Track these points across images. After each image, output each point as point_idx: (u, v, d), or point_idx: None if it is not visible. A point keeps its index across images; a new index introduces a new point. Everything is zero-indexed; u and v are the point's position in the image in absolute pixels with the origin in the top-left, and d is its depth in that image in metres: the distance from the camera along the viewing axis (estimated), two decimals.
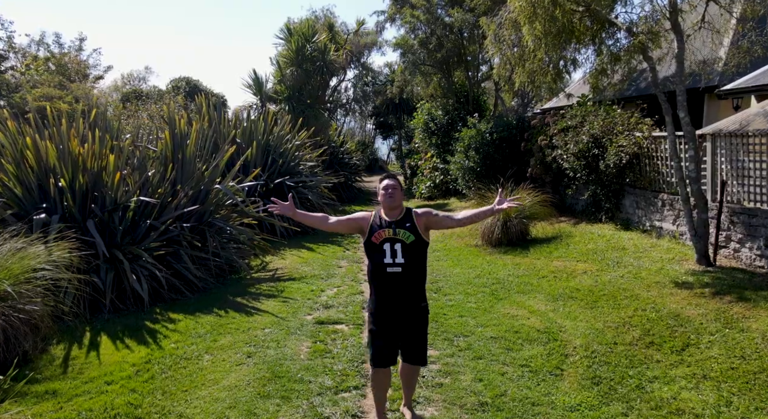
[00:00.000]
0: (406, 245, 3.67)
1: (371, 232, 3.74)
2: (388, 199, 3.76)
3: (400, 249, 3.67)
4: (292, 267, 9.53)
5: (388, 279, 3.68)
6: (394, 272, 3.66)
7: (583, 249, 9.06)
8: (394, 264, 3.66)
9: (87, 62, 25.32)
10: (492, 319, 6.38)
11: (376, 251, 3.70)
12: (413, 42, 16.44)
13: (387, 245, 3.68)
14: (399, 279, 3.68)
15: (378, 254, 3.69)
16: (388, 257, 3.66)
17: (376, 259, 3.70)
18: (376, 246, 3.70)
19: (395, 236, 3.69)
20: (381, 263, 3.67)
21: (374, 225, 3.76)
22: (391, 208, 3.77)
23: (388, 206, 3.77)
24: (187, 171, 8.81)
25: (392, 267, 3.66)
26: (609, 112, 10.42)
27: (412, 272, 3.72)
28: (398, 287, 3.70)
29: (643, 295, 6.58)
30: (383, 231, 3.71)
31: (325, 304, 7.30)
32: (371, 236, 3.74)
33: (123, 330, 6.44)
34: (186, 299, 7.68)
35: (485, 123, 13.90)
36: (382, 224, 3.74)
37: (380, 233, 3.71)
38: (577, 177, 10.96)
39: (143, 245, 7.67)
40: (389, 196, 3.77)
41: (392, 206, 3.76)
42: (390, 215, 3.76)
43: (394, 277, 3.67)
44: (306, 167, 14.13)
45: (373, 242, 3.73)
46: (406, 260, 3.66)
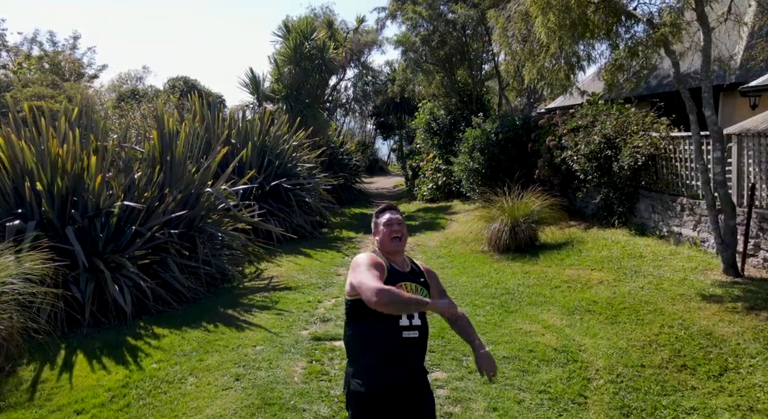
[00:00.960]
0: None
1: (388, 282, 2.69)
2: (395, 241, 2.84)
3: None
4: (287, 275, 9.00)
5: (400, 348, 2.69)
6: (410, 338, 2.70)
7: (597, 256, 8.52)
8: (411, 327, 2.71)
9: (81, 61, 24.80)
10: (504, 335, 5.86)
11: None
12: (415, 39, 15.90)
13: None
14: (414, 347, 2.73)
15: (390, 316, 2.67)
16: (404, 318, 2.70)
17: (385, 320, 2.66)
18: None
19: (414, 292, 2.74)
20: (396, 327, 2.68)
21: (392, 273, 2.77)
22: (396, 253, 2.86)
23: (392, 251, 2.85)
24: (176, 173, 8.29)
25: (409, 331, 2.70)
26: (622, 111, 9.89)
27: (426, 337, 2.82)
28: (412, 359, 2.74)
29: (668, 309, 6.05)
30: (403, 285, 2.74)
31: (322, 317, 6.78)
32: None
33: (102, 348, 5.91)
34: (173, 311, 7.16)
35: (490, 123, 13.37)
36: (399, 273, 2.80)
37: (400, 288, 2.70)
38: (588, 179, 10.43)
39: (127, 253, 7.15)
40: (395, 235, 2.84)
41: (399, 251, 2.87)
42: (396, 261, 2.85)
43: (410, 345, 2.71)
44: (304, 169, 13.60)
45: None
46: (422, 322, 2.75)
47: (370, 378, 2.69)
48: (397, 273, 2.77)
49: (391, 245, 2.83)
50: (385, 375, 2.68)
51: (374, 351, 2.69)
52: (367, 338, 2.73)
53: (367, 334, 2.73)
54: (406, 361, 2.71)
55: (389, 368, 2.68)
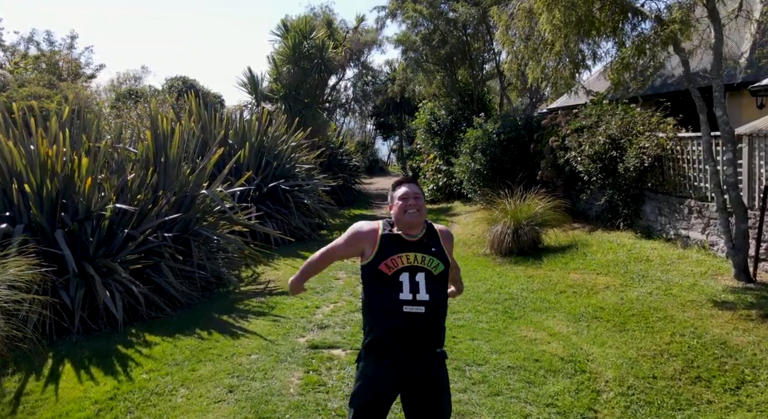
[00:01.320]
0: (432, 277, 2.63)
1: (380, 255, 2.63)
2: (412, 214, 2.68)
3: (423, 282, 2.60)
4: (285, 279, 8.76)
5: (403, 323, 2.57)
6: (414, 313, 2.56)
7: (602, 260, 8.31)
8: (415, 302, 2.57)
9: (79, 61, 24.59)
10: (508, 343, 5.64)
11: (387, 283, 2.60)
12: (415, 38, 15.69)
13: (405, 276, 2.61)
14: (420, 323, 2.57)
15: (390, 287, 2.60)
16: (406, 291, 2.58)
17: (386, 294, 2.60)
18: (387, 277, 2.61)
19: (419, 264, 2.62)
20: (395, 301, 2.57)
21: (385, 245, 2.65)
22: (412, 226, 2.70)
23: (407, 224, 2.69)
24: (171, 175, 8.07)
25: (411, 306, 2.56)
26: (627, 111, 9.68)
27: (439, 312, 2.66)
28: (418, 335, 2.60)
29: (679, 316, 5.83)
30: (400, 257, 2.62)
31: (320, 324, 6.56)
32: (380, 261, 2.62)
33: (90, 356, 5.69)
34: (167, 317, 6.94)
35: (492, 123, 13.16)
36: (399, 244, 2.66)
37: (396, 260, 2.61)
38: (592, 181, 10.21)
39: (119, 257, 6.93)
40: (412, 208, 2.68)
41: (416, 225, 2.70)
42: (409, 232, 2.70)
43: (414, 320, 2.56)
44: (302, 170, 13.38)
45: (381, 271, 2.61)
46: (431, 297, 2.59)
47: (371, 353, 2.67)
48: (397, 242, 2.67)
49: (405, 217, 2.69)
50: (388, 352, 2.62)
51: (379, 325, 2.65)
52: (373, 307, 2.68)
53: (372, 303, 2.68)
54: (411, 338, 2.59)
55: (393, 344, 2.61)
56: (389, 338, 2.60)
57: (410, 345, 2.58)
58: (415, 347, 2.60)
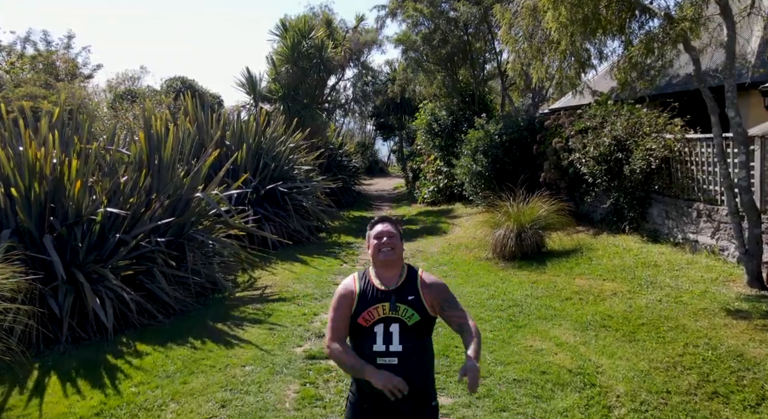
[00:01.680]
0: (406, 328, 2.55)
1: (359, 309, 2.59)
2: (386, 252, 2.63)
3: (396, 332, 2.54)
4: (282, 284, 8.55)
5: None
6: (387, 365, 2.50)
7: (608, 265, 8.08)
8: (388, 353, 2.53)
9: (76, 61, 24.35)
10: (513, 354, 5.41)
11: (363, 335, 2.57)
12: (416, 38, 15.46)
13: (380, 327, 2.56)
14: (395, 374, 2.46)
15: (366, 338, 2.56)
16: (379, 343, 2.54)
17: (362, 345, 2.57)
18: (363, 328, 2.57)
19: (392, 314, 2.56)
20: (369, 352, 2.54)
21: (362, 299, 2.60)
22: (387, 266, 2.65)
23: (383, 263, 2.65)
24: (165, 178, 7.85)
25: (384, 358, 2.52)
26: (633, 111, 9.45)
27: (415, 362, 2.55)
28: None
29: (691, 326, 5.60)
30: (376, 308, 2.56)
31: (318, 332, 6.33)
32: (358, 314, 2.58)
33: (78, 367, 5.46)
34: (159, 325, 6.72)
35: (494, 124, 12.93)
36: (374, 295, 2.60)
37: (372, 312, 2.56)
38: (597, 183, 9.99)
39: (110, 263, 6.71)
40: (386, 247, 2.64)
41: (390, 264, 2.65)
42: (385, 276, 2.65)
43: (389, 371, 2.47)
44: (301, 172, 13.15)
45: (360, 324, 2.57)
46: (404, 348, 2.52)
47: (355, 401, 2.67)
48: (373, 294, 2.61)
49: (379, 256, 2.66)
50: (368, 403, 2.60)
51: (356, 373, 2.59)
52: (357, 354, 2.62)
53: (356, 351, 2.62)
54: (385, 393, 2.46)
55: (373, 396, 2.54)
56: (369, 387, 2.51)
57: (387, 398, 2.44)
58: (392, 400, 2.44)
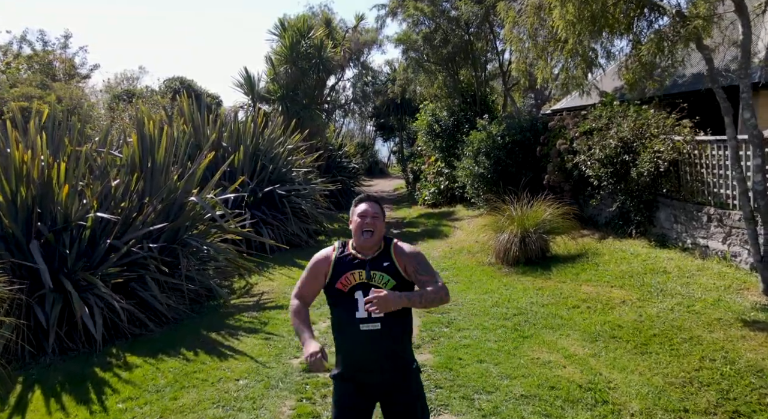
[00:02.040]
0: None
1: (335, 274, 2.71)
2: (365, 233, 2.72)
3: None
4: (279, 290, 8.30)
5: (361, 341, 2.67)
6: (371, 331, 2.64)
7: (615, 271, 7.83)
8: (370, 319, 2.63)
9: (73, 61, 24.11)
10: (519, 367, 5.17)
11: (345, 301, 2.69)
12: (416, 37, 15.21)
13: (359, 294, 2.66)
14: (377, 340, 2.65)
15: (347, 305, 2.67)
16: (361, 309, 2.63)
17: (343, 312, 2.71)
18: (344, 294, 2.69)
19: (369, 281, 2.67)
20: (352, 319, 2.65)
21: (339, 264, 2.73)
22: (366, 245, 2.74)
23: (363, 244, 2.74)
24: (158, 181, 7.60)
25: (367, 324, 2.64)
26: (640, 112, 9.20)
27: (397, 327, 2.72)
28: (377, 351, 2.68)
29: (706, 337, 5.36)
30: (353, 274, 2.69)
31: None
32: (336, 280, 2.70)
33: (64, 381, 5.22)
34: (151, 335, 6.48)
35: (496, 125, 12.68)
36: (350, 261, 2.72)
37: (349, 277, 2.69)
38: (602, 186, 9.74)
39: (100, 270, 6.46)
40: (366, 228, 2.72)
41: (368, 243, 2.73)
42: (363, 250, 2.75)
43: (371, 337, 2.64)
44: (299, 174, 12.91)
45: (338, 289, 2.70)
46: (386, 313, 2.58)
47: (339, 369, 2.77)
48: (350, 261, 2.71)
49: (361, 237, 2.73)
50: (352, 369, 2.72)
51: (342, 342, 2.76)
52: (336, 325, 2.80)
53: (335, 321, 2.81)
54: (371, 355, 2.68)
55: (356, 361, 2.71)
56: (353, 356, 2.71)
57: (372, 361, 2.67)
58: (377, 363, 2.68)
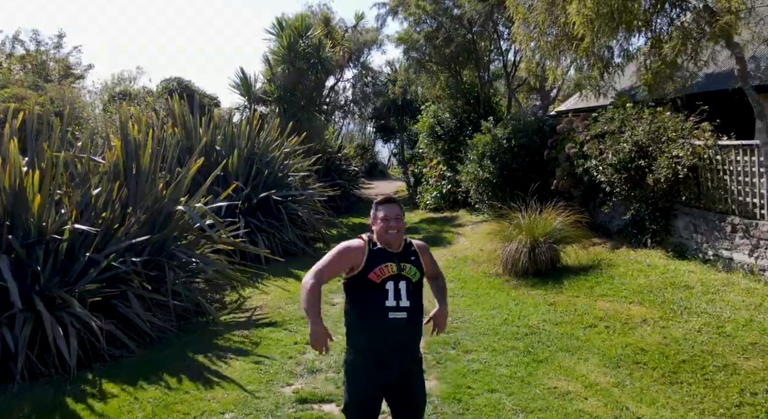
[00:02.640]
0: (412, 285, 2.95)
1: (369, 265, 2.90)
2: (392, 233, 2.95)
3: (404, 289, 2.90)
4: (274, 305, 7.79)
5: (388, 329, 2.86)
6: (397, 319, 2.86)
7: (632, 285, 7.33)
8: (398, 308, 2.87)
9: (67, 60, 23.62)
10: (536, 398, 4.66)
11: (375, 290, 2.88)
12: (418, 36, 14.72)
13: (390, 284, 2.89)
14: (403, 329, 2.90)
15: (377, 294, 2.87)
16: (391, 299, 2.86)
17: (373, 301, 2.87)
18: (375, 285, 2.88)
19: (401, 273, 2.93)
20: (382, 307, 2.85)
21: (372, 256, 2.93)
22: (392, 243, 2.97)
23: (389, 241, 2.96)
24: (143, 189, 7.09)
25: (395, 312, 2.86)
26: (655, 115, 8.69)
27: (417, 318, 2.99)
28: (401, 340, 2.92)
29: (743, 365, 4.85)
30: (386, 266, 2.90)
31: (310, 367, 5.57)
32: (369, 270, 2.89)
33: (31, 413, 4.71)
34: (132, 357, 5.96)
35: (501, 128, 12.18)
36: (384, 255, 2.95)
37: (383, 269, 2.89)
38: (615, 192, 9.23)
39: (78, 287, 5.96)
40: (393, 229, 2.96)
41: (395, 242, 2.98)
42: (390, 245, 2.98)
43: (397, 326, 2.87)
44: (296, 179, 12.38)
45: (371, 279, 2.87)
46: (411, 303, 2.90)
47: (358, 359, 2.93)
48: (383, 254, 2.92)
49: (386, 236, 2.95)
50: (374, 357, 2.88)
51: (365, 332, 2.90)
52: (358, 317, 2.93)
53: (360, 310, 2.92)
54: (395, 344, 2.87)
55: (379, 350, 2.87)
56: (375, 342, 2.86)
57: (393, 349, 2.87)
58: (397, 350, 2.88)
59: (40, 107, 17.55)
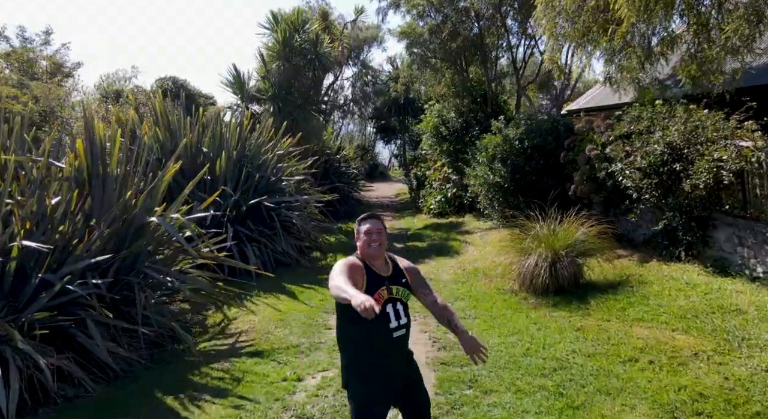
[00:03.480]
0: (404, 304, 3.10)
1: (370, 288, 2.96)
2: (375, 247, 3.06)
3: (401, 310, 3.06)
4: (262, 329, 6.86)
5: (393, 346, 3.03)
6: (400, 336, 3.05)
7: (672, 308, 6.40)
8: (399, 327, 3.03)
9: (55, 58, 22.70)
10: None
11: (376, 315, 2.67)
12: (422, 30, 13.79)
13: (390, 307, 3.02)
14: (404, 342, 3.10)
15: (379, 318, 2.78)
16: (393, 320, 3.01)
17: (378, 324, 2.92)
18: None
19: (396, 296, 3.06)
20: (387, 329, 2.99)
21: (370, 279, 3.00)
22: (376, 258, 3.08)
23: (372, 256, 3.07)
24: (109, 198, 6.17)
25: (398, 331, 3.03)
26: (691, 113, 7.76)
27: (409, 329, 3.13)
28: (402, 351, 3.13)
29: None
30: (382, 291, 3.01)
31: (300, 412, 4.66)
32: (369, 293, 2.88)
33: None
34: (88, 398, 5.04)
35: (513, 128, 11.25)
36: (379, 280, 3.04)
37: (381, 293, 3.00)
38: (643, 199, 8.31)
39: (25, 315, 5.03)
40: (375, 242, 3.06)
41: (378, 256, 3.08)
42: (376, 265, 3.08)
43: (400, 341, 3.06)
44: (291, 183, 11.44)
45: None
46: (406, 319, 3.09)
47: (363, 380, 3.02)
48: (376, 277, 3.04)
49: (369, 250, 3.07)
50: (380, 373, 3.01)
51: (371, 353, 3.01)
52: (361, 338, 3.01)
53: (360, 335, 3.01)
54: (398, 356, 3.09)
55: (385, 365, 3.02)
56: (382, 359, 3.02)
57: (398, 361, 3.10)
58: (400, 361, 3.12)
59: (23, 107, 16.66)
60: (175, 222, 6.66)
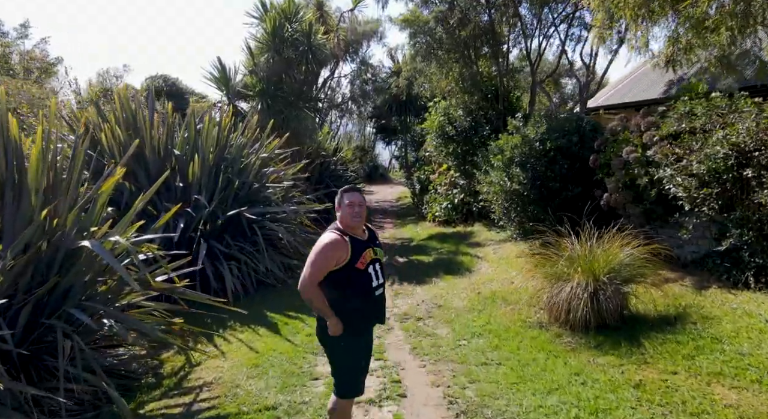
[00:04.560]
0: (381, 263, 3.54)
1: (355, 256, 3.32)
2: (356, 219, 3.41)
3: (379, 270, 3.49)
4: (230, 379, 5.41)
5: (375, 303, 3.48)
6: (381, 294, 3.51)
7: (760, 357, 4.96)
8: (380, 286, 3.48)
9: (33, 52, 21.26)
10: None
11: (361, 275, 3.36)
12: (427, 17, 12.36)
13: (371, 268, 3.41)
14: (383, 299, 3.54)
15: (364, 277, 3.37)
16: (374, 280, 3.43)
17: (363, 285, 3.37)
18: (361, 271, 3.36)
19: (376, 256, 3.48)
20: (370, 288, 3.40)
21: (354, 247, 3.34)
22: (357, 227, 3.44)
23: (353, 226, 3.42)
24: (24, 216, 4.73)
25: (379, 289, 3.48)
26: (763, 108, 6.33)
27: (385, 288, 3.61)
28: (382, 307, 3.56)
29: None
30: (367, 253, 3.39)
31: None
32: (356, 260, 3.33)
33: None
34: None
35: (533, 127, 9.82)
36: (360, 243, 3.40)
37: (365, 256, 3.38)
38: (698, 212, 6.88)
39: None
40: (357, 215, 3.41)
41: (359, 226, 3.45)
42: (357, 233, 3.45)
43: (381, 298, 3.51)
44: (277, 191, 9.99)
45: (357, 267, 3.33)
46: (383, 278, 3.52)
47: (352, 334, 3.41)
48: (359, 243, 3.39)
49: (351, 221, 3.41)
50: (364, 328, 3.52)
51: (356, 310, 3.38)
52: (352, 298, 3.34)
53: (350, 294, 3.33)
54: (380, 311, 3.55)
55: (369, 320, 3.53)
56: (368, 315, 3.49)
57: (381, 318, 3.59)
58: (382, 319, 3.60)
59: None
60: (118, 246, 5.21)
